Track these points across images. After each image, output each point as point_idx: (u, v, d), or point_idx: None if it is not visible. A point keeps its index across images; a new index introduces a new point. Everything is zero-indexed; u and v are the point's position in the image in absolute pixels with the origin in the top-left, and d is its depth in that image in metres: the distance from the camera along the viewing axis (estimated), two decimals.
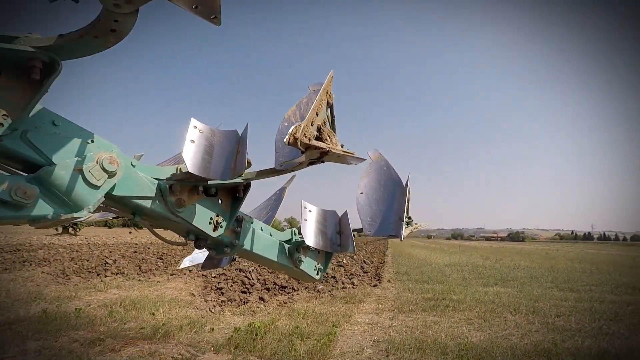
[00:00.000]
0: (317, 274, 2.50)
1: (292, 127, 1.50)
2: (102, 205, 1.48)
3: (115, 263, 12.71)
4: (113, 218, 2.29)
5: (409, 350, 4.72)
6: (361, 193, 2.61)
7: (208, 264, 2.65)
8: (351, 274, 12.19)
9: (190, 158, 1.53)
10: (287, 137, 1.49)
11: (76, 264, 12.54)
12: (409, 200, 2.35)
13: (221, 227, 1.85)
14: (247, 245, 2.04)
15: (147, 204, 1.57)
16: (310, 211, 2.29)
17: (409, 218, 2.49)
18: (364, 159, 1.82)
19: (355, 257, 19.77)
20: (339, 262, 15.89)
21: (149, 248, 20.06)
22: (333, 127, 1.91)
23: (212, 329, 5.27)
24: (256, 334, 4.85)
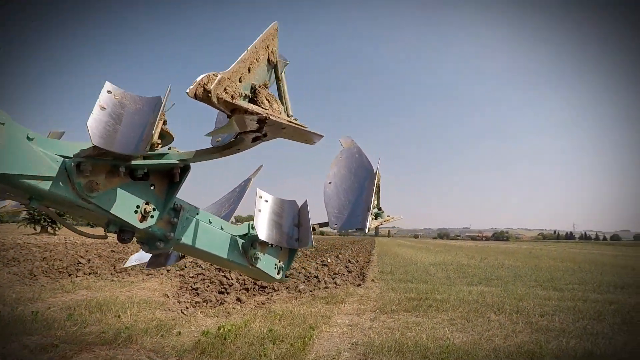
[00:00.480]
0: (279, 274, 2.21)
1: (203, 75, 1.12)
2: None
3: (89, 263, 12.18)
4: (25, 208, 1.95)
5: (387, 353, 4.47)
6: (329, 183, 2.33)
7: (154, 261, 2.34)
8: (334, 274, 11.94)
9: (95, 127, 1.23)
10: (192, 86, 1.11)
11: (47, 263, 11.96)
12: (379, 188, 2.08)
13: (151, 217, 1.54)
14: (187, 240, 1.73)
15: (46, 186, 1.25)
16: (266, 201, 1.99)
17: (379, 209, 2.23)
18: (321, 135, 1.52)
19: (340, 256, 19.54)
20: (323, 261, 15.63)
21: (128, 247, 19.43)
22: (282, 99, 1.57)
23: (179, 333, 4.92)
24: (225, 338, 4.53)
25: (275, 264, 2.18)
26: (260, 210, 1.93)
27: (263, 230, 1.86)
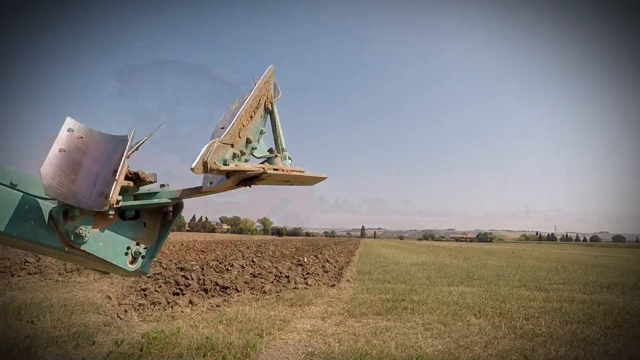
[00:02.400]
0: (134, 262, 1.40)
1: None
2: None
3: (38, 262, 11.09)
4: None
5: None
6: (222, 128, 1.54)
7: None
8: (308, 273, 11.13)
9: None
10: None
11: None
12: (274, 118, 1.32)
13: None
14: None
15: None
16: (81, 137, 1.19)
17: (271, 151, 1.42)
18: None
19: (319, 255, 18.73)
20: (299, 261, 14.81)
21: None
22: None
23: (94, 342, 4.06)
24: (142, 350, 3.69)
25: (128, 247, 1.37)
26: (63, 150, 1.13)
27: (47, 175, 1.06)
